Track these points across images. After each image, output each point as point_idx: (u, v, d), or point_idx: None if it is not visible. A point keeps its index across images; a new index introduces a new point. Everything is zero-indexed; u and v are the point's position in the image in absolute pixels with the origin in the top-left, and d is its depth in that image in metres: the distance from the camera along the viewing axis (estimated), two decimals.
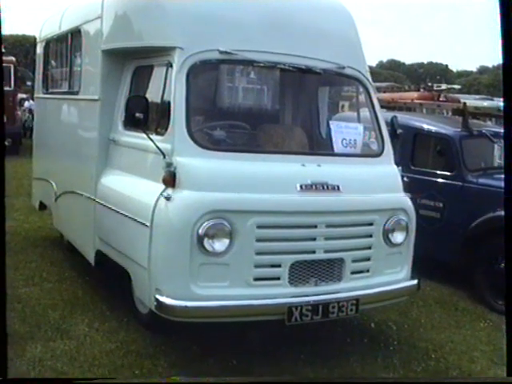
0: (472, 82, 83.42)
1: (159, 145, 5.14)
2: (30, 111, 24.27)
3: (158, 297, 4.94)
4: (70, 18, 7.90)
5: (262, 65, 5.71)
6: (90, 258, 6.61)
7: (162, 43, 5.61)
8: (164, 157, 5.09)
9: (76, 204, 7.11)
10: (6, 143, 19.70)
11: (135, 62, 6.21)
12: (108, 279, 6.80)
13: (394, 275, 5.83)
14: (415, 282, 5.97)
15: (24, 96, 27.51)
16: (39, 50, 9.35)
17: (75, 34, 7.45)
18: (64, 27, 8.01)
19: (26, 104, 26.66)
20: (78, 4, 7.84)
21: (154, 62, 5.85)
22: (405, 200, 5.88)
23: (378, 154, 6.07)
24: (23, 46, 65.73)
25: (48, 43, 8.87)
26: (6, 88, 20.34)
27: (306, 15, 6.12)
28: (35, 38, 10.08)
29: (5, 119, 19.47)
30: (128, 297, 5.96)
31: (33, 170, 9.56)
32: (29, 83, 22.71)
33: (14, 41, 69.67)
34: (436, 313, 7.26)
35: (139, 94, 5.77)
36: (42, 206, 9.06)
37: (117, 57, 6.33)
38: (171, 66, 5.41)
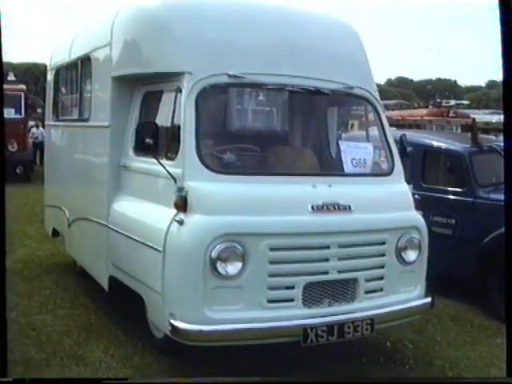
0: (481, 96, 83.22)
1: (170, 170, 5.17)
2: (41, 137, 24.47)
3: (172, 321, 4.94)
4: (79, 45, 7.97)
5: (270, 87, 5.77)
6: (104, 283, 6.62)
7: (171, 69, 5.65)
8: (175, 181, 5.12)
9: (88, 230, 7.13)
10: (18, 170, 19.87)
11: (145, 87, 6.24)
12: (122, 304, 6.80)
13: (408, 293, 5.83)
14: (429, 299, 5.95)
15: (32, 123, 27.61)
16: (49, 77, 9.43)
17: (85, 61, 7.49)
18: (74, 55, 8.07)
19: (34, 131, 26.67)
20: (88, 31, 7.93)
21: (164, 87, 5.89)
22: (416, 218, 5.88)
23: (389, 173, 6.08)
24: (33, 73, 66.18)
25: (58, 71, 8.94)
26: (17, 116, 20.54)
27: (313, 36, 6.18)
28: (45, 66, 10.17)
29: (16, 147, 19.81)
30: (142, 321, 5.95)
31: (45, 197, 9.61)
32: (39, 110, 22.89)
33: (25, 68, 70.19)
34: (451, 330, 7.21)
35: (149, 120, 5.82)
36: (55, 233, 9.09)
37: (126, 83, 6.36)
38: (180, 91, 5.45)
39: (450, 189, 8.39)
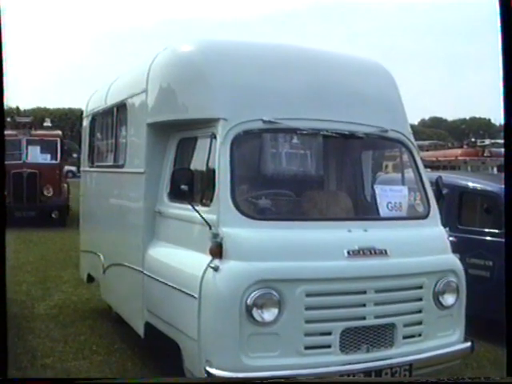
0: None
1: (205, 216, 5.18)
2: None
3: (208, 368, 4.91)
4: (115, 92, 8.09)
5: (305, 132, 5.76)
6: (139, 329, 6.60)
7: (206, 115, 5.69)
8: (210, 228, 5.12)
9: (124, 276, 7.15)
10: (53, 215, 20.00)
11: (179, 134, 6.28)
12: (157, 351, 6.77)
13: (447, 338, 5.74)
14: (469, 344, 5.85)
15: None
16: (85, 123, 9.57)
17: (121, 107, 7.59)
18: (110, 101, 8.19)
19: None
20: (123, 78, 8.04)
21: (198, 133, 5.92)
22: (453, 261, 5.82)
23: (424, 216, 6.03)
24: (70, 119, 67.39)
25: (94, 117, 9.06)
26: (53, 161, 20.77)
27: (347, 80, 6.22)
28: (81, 112, 10.31)
29: (51, 192, 19.96)
30: (178, 368, 5.91)
31: (80, 243, 9.68)
32: (75, 155, 23.10)
33: (61, 114, 71.48)
34: (491, 375, 7.03)
35: (184, 166, 5.87)
36: (90, 279, 9.13)
37: (161, 129, 6.40)
38: (215, 137, 5.47)
39: (486, 230, 8.28)
